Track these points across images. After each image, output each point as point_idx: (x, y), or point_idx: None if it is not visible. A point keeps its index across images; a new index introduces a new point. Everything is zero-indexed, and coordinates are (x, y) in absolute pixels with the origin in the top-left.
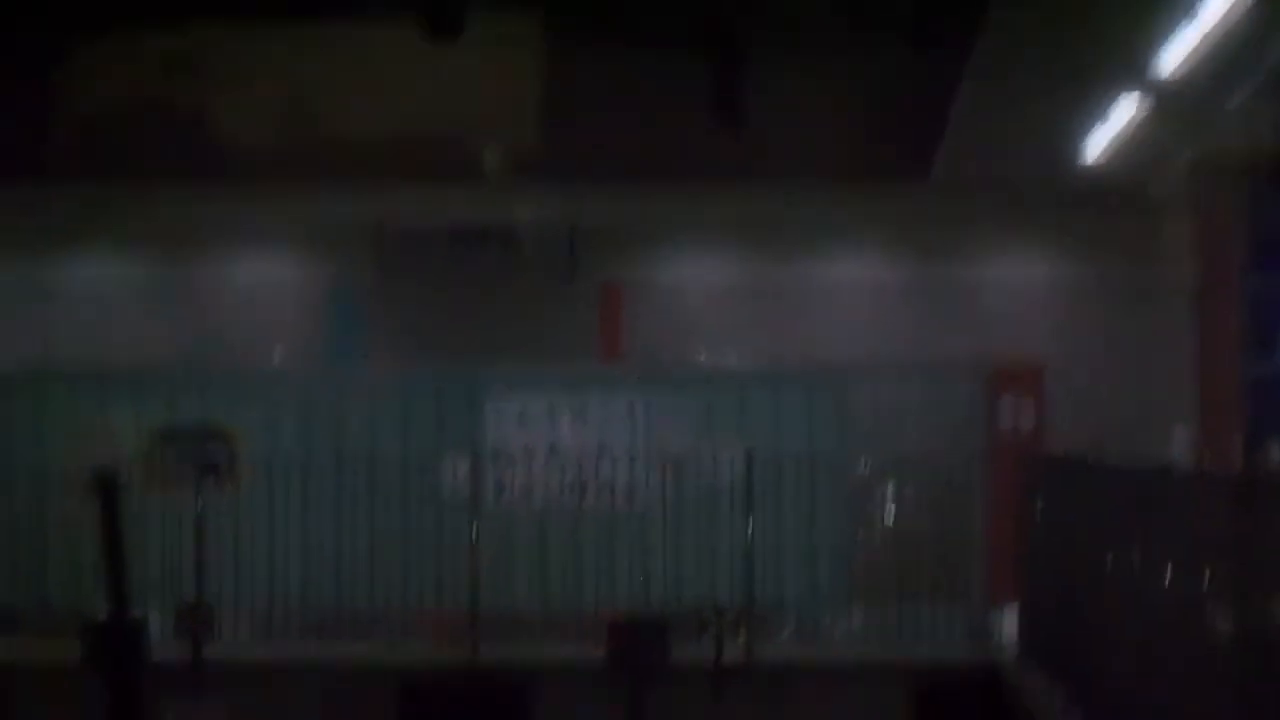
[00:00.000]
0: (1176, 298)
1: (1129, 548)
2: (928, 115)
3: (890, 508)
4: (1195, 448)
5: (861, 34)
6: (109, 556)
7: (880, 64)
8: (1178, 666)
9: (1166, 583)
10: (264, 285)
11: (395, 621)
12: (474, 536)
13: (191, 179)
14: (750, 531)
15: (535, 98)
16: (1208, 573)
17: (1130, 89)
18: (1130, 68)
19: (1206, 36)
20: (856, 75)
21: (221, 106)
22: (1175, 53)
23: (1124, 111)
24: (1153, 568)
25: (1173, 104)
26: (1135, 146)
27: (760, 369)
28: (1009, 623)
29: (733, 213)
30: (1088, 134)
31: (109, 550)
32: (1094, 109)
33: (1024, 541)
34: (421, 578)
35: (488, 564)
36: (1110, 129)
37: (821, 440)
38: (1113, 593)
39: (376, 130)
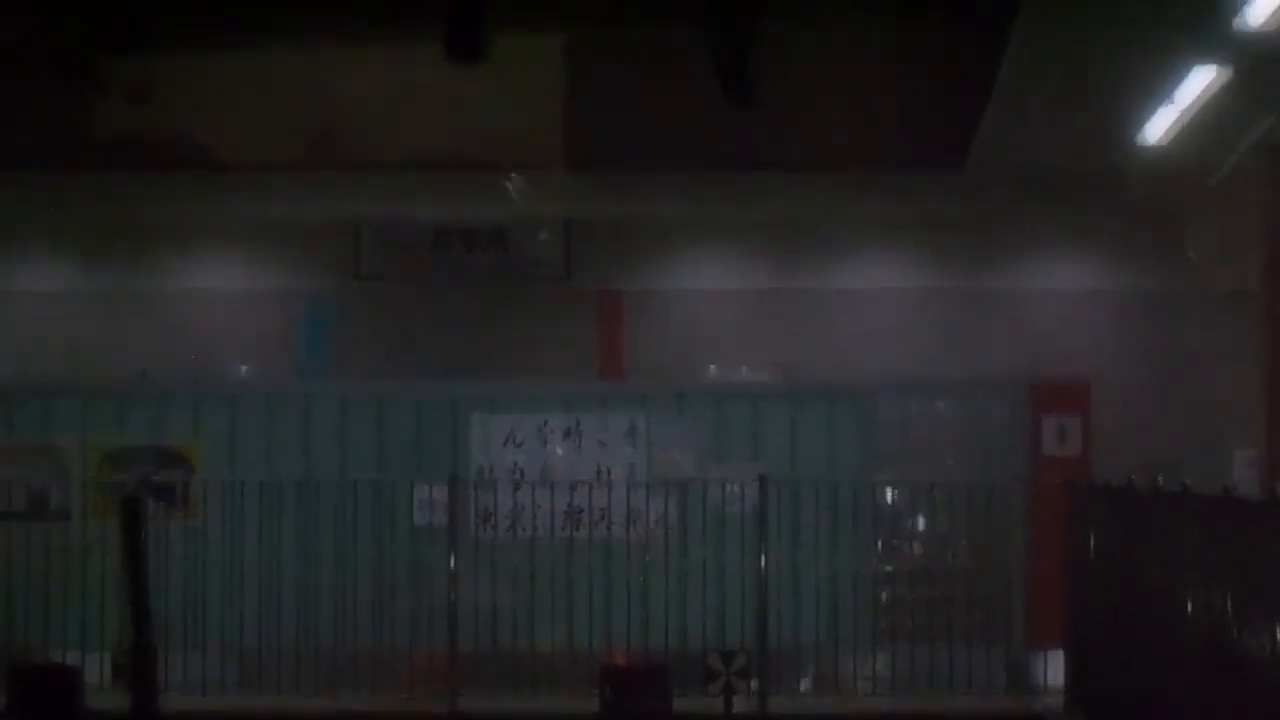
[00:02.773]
0: (1244, 303)
1: (1190, 584)
2: (963, 100)
3: (921, 539)
4: (1263, 472)
5: (889, 10)
6: (130, 585)
7: (910, 43)
8: None
9: (1232, 626)
10: (228, 291)
11: (365, 666)
12: (453, 569)
13: (150, 171)
14: (764, 565)
15: (557, 122)
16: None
17: (1200, 60)
18: (1200, 35)
19: None
20: (884, 56)
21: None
22: (1259, 9)
23: (1191, 89)
24: (1217, 608)
25: (1250, 76)
26: (1202, 130)
27: (776, 384)
28: (1055, 668)
29: (746, 209)
30: (1147, 118)
31: (130, 578)
32: (1154, 88)
33: (1071, 577)
34: (395, 616)
35: (469, 600)
36: (1174, 110)
37: (844, 463)
38: (1172, 635)
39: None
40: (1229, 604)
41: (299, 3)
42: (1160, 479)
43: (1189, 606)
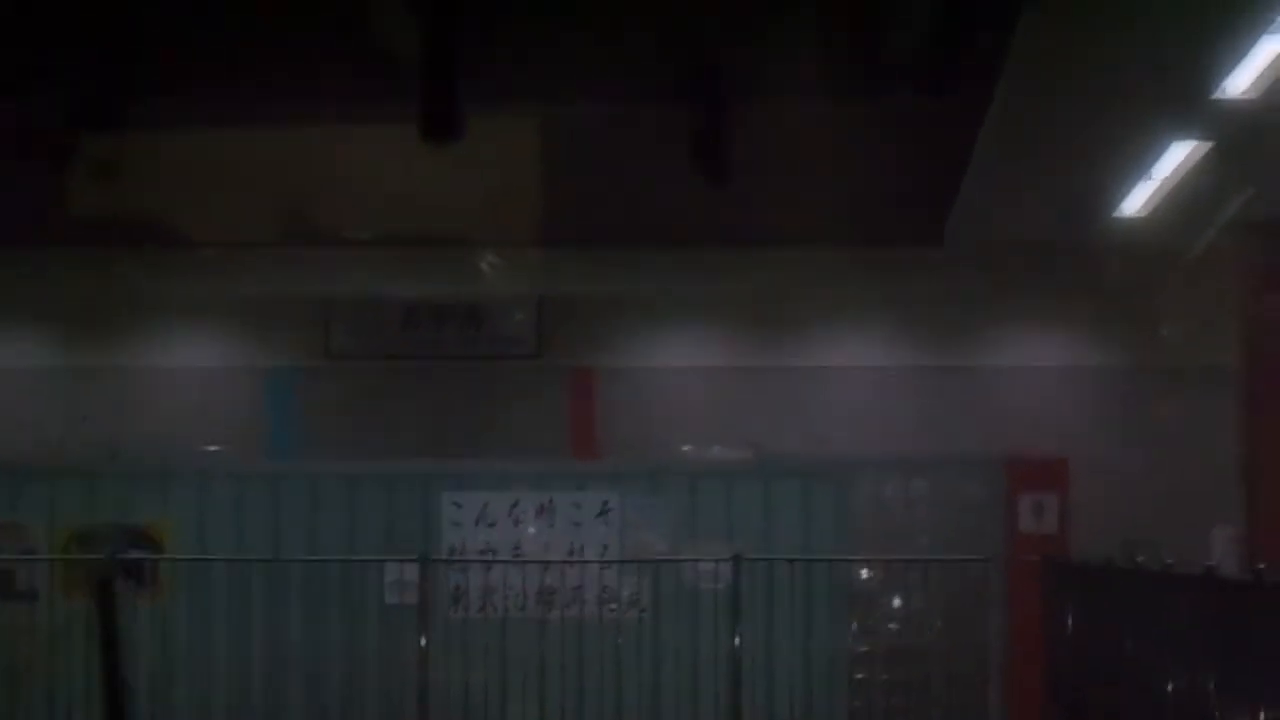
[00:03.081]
0: (1220, 379)
1: (1173, 664)
2: (940, 172)
3: (897, 618)
4: (1242, 549)
5: (865, 85)
6: (103, 663)
7: (887, 118)
8: None
9: (1216, 707)
10: (195, 369)
11: None
12: (424, 649)
13: (119, 247)
14: (737, 644)
15: (529, 198)
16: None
17: (1178, 135)
18: (1180, 108)
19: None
20: (859, 131)
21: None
22: (1239, 82)
23: (1169, 163)
24: (1200, 689)
25: (1229, 149)
26: (1180, 204)
27: (751, 462)
28: None
29: (720, 285)
30: (1124, 193)
31: (104, 657)
32: (1132, 162)
33: (1049, 656)
34: (366, 696)
35: (440, 680)
36: (1151, 185)
37: (819, 541)
38: (1154, 716)
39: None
40: (1213, 685)
41: (271, 82)
42: (1141, 557)
43: (1170, 687)
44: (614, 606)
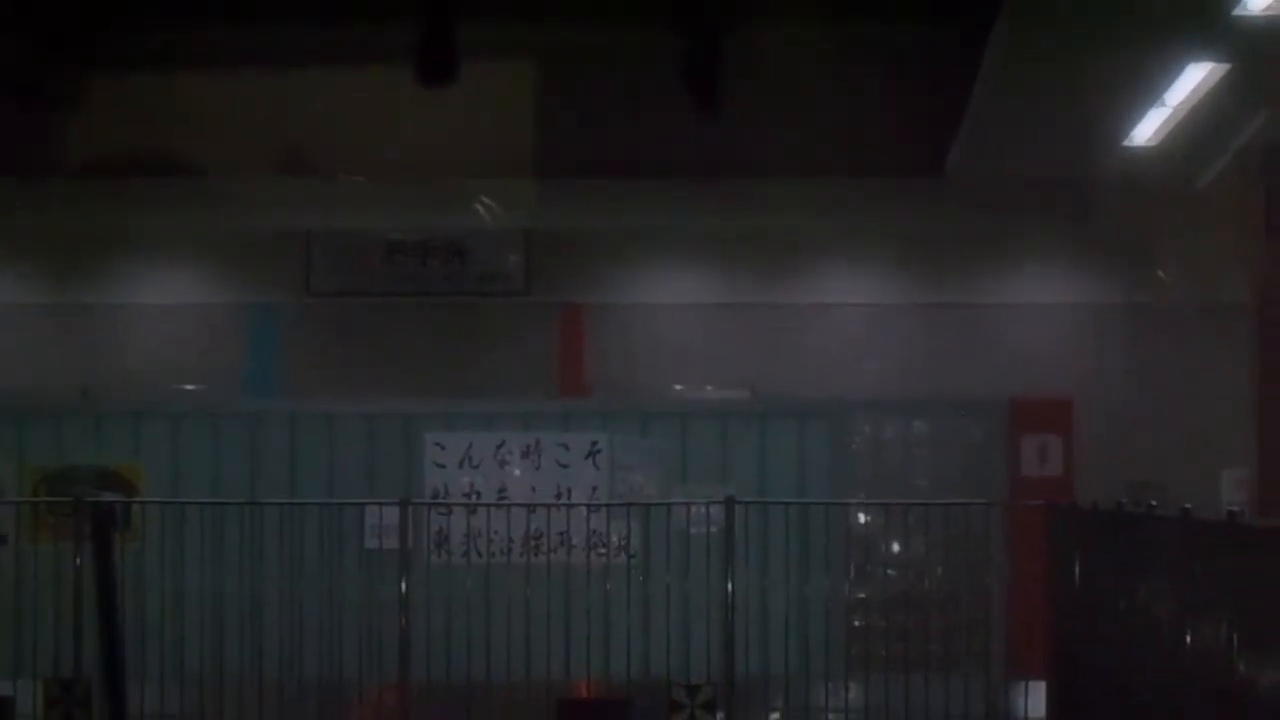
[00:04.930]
0: (1232, 316)
1: (1188, 614)
2: (943, 103)
3: (895, 564)
4: (1254, 492)
5: (865, 11)
6: (99, 603)
7: (887, 44)
8: None
9: (1235, 659)
10: (171, 305)
11: (314, 696)
12: (405, 595)
13: (92, 178)
14: (731, 591)
15: (517, 128)
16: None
17: (1193, 57)
18: (1195, 29)
19: None
20: (858, 59)
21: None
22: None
23: (1183, 87)
24: (1218, 639)
25: (1248, 69)
26: (1193, 131)
27: (744, 402)
28: (1036, 700)
29: (713, 219)
30: (1135, 121)
31: (99, 597)
32: (1144, 88)
33: (1053, 604)
34: (345, 644)
35: (421, 629)
36: (1164, 112)
37: (815, 485)
38: (1167, 668)
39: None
40: (1232, 635)
41: (250, 12)
42: (1154, 502)
43: (1187, 638)
44: (603, 551)
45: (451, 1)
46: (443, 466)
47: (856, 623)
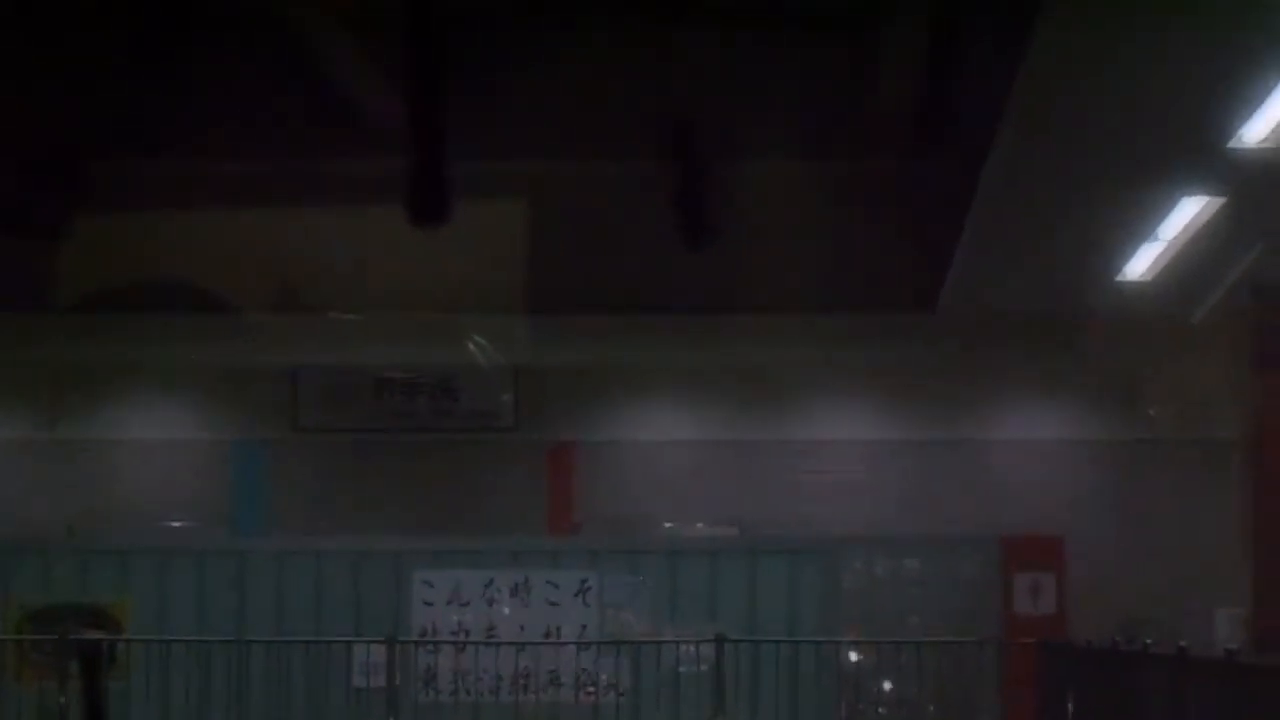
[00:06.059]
0: (1223, 453)
1: None
2: (934, 233)
3: (887, 703)
4: (1250, 632)
5: (856, 146)
6: None
7: (880, 179)
8: None
9: None
10: (160, 441)
11: None
12: None
13: (80, 314)
14: None
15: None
16: None
17: (1187, 191)
18: (1190, 162)
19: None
20: (850, 193)
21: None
22: (1257, 127)
23: (1176, 222)
24: None
25: (1242, 203)
26: (1184, 267)
27: (735, 540)
28: None
29: (703, 354)
30: (1127, 256)
31: None
32: (1137, 223)
33: None
34: None
35: None
36: (1156, 247)
37: (806, 622)
38: None
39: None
40: None
41: (240, 147)
42: (1149, 639)
43: None
44: (592, 690)
45: (442, 138)
46: (431, 604)
47: None
